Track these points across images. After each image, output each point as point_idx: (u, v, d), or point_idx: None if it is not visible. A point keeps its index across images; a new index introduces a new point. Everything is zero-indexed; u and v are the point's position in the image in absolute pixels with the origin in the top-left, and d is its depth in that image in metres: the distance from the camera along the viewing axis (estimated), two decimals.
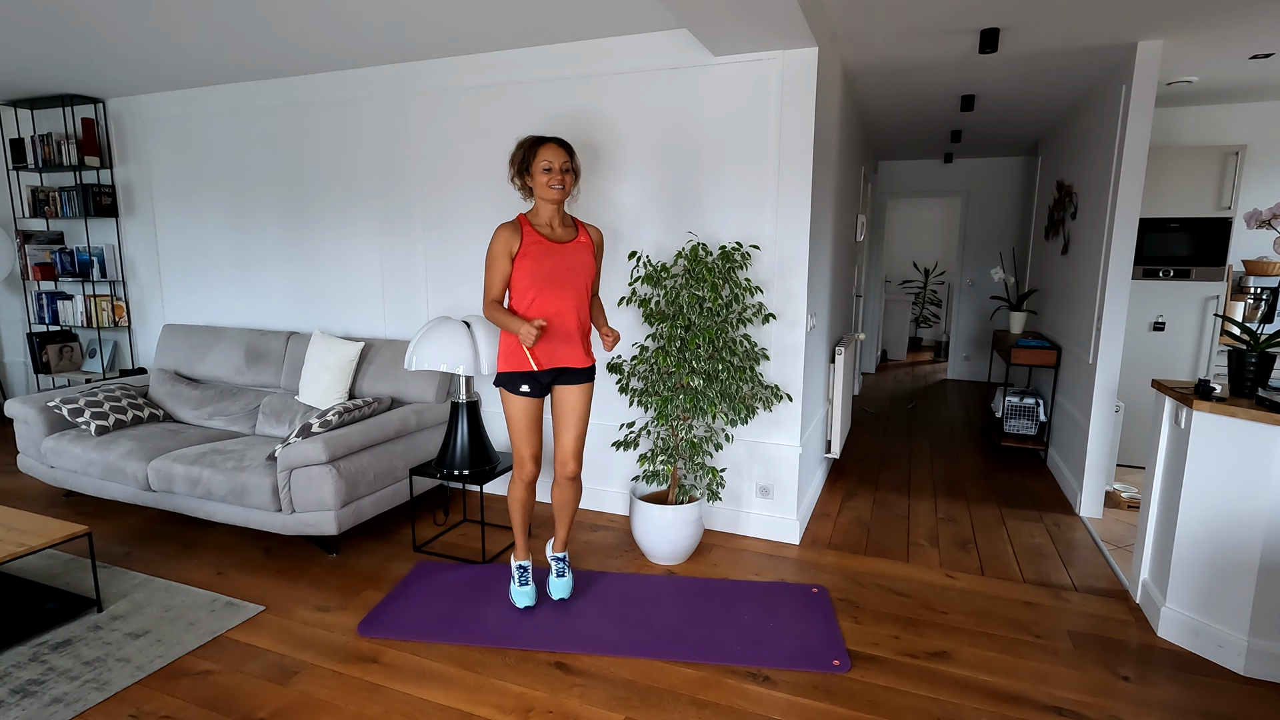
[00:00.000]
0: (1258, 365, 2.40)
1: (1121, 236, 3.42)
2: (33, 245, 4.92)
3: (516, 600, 2.68)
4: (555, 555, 2.77)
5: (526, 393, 2.51)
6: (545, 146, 2.43)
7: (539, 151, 2.42)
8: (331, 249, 4.15)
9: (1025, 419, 4.66)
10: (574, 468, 2.65)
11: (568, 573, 2.76)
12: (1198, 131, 4.77)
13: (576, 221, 2.59)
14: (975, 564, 3.14)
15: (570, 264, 2.47)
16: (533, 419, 2.56)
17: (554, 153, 2.42)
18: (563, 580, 2.74)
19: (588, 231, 2.58)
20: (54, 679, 2.27)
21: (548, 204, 2.47)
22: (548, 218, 2.49)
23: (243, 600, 2.78)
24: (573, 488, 2.70)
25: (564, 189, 2.44)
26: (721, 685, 2.26)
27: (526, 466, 2.59)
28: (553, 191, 2.42)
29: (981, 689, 2.25)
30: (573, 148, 2.51)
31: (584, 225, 2.59)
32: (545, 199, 2.45)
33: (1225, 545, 2.38)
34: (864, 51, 3.50)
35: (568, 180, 2.45)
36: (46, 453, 3.59)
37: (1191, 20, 3.02)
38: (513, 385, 2.51)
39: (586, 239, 2.55)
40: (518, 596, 2.68)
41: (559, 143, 2.45)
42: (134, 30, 3.25)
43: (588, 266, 2.52)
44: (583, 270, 2.50)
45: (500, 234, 2.41)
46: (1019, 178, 6.99)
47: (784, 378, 3.28)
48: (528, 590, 2.68)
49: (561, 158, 2.43)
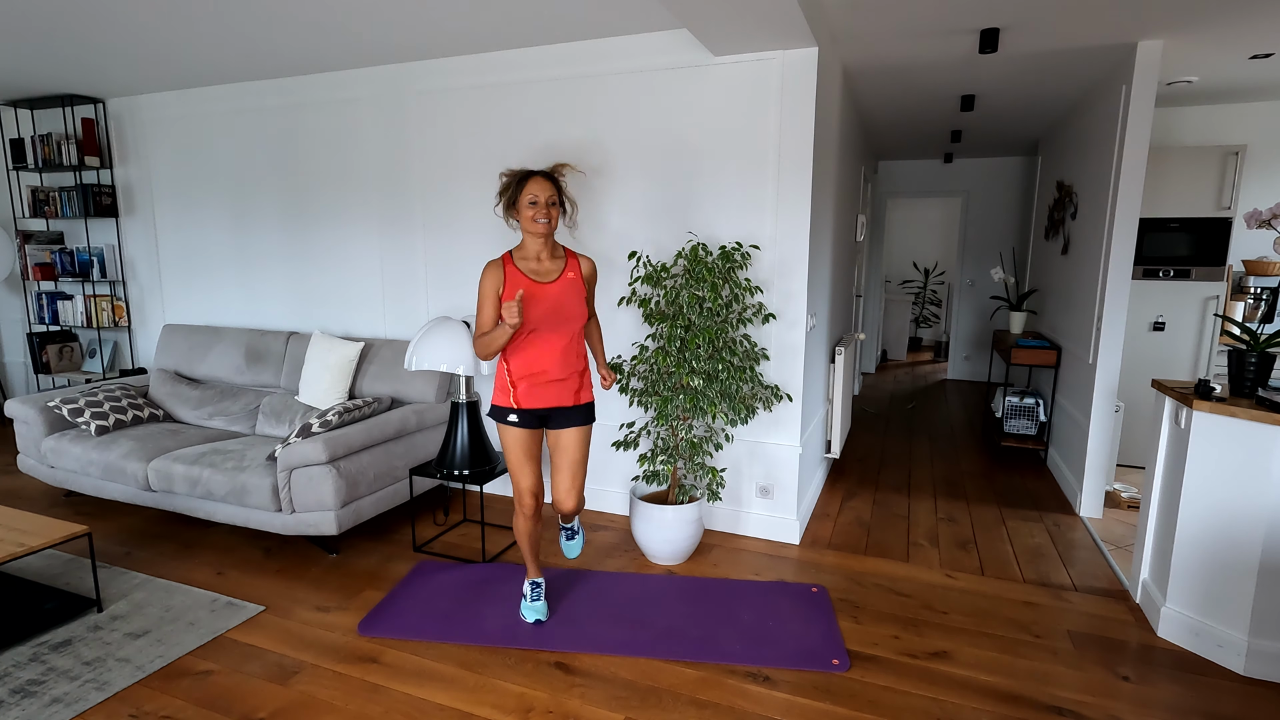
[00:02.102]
0: (1258, 365, 2.40)
1: (1121, 236, 3.42)
2: (33, 245, 4.92)
3: (527, 615, 2.64)
4: (564, 525, 2.79)
5: (515, 423, 2.45)
6: (531, 180, 2.36)
7: (525, 185, 2.36)
8: (331, 249, 4.15)
9: (1025, 419, 4.66)
10: (571, 506, 2.58)
11: (578, 535, 2.81)
12: (1198, 131, 4.77)
13: (567, 253, 2.48)
14: (975, 564, 3.14)
15: (559, 307, 2.40)
16: (527, 450, 2.48)
17: (540, 186, 2.35)
18: (574, 541, 2.81)
19: (578, 263, 2.48)
20: (54, 679, 2.27)
21: (535, 237, 2.39)
22: (535, 251, 2.41)
23: (243, 600, 2.78)
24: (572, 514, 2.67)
25: (550, 223, 2.36)
26: (721, 685, 2.26)
27: (525, 500, 2.51)
28: (538, 225, 2.35)
29: (981, 689, 2.25)
30: (560, 181, 2.42)
31: (575, 256, 2.49)
32: (531, 232, 2.38)
33: (1225, 545, 2.38)
34: (864, 51, 3.50)
35: (554, 214, 2.38)
36: (46, 453, 3.59)
37: (1191, 20, 3.02)
38: (501, 417, 2.47)
39: (575, 274, 2.45)
40: (528, 611, 2.64)
41: (545, 176, 2.38)
42: (134, 30, 3.25)
43: (578, 307, 2.43)
44: (572, 313, 2.42)
45: (487, 273, 2.36)
46: (1019, 178, 6.99)
47: (784, 378, 3.28)
48: (539, 606, 2.64)
49: (548, 191, 2.35)
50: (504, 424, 2.46)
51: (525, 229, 2.39)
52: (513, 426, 2.46)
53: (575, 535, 2.81)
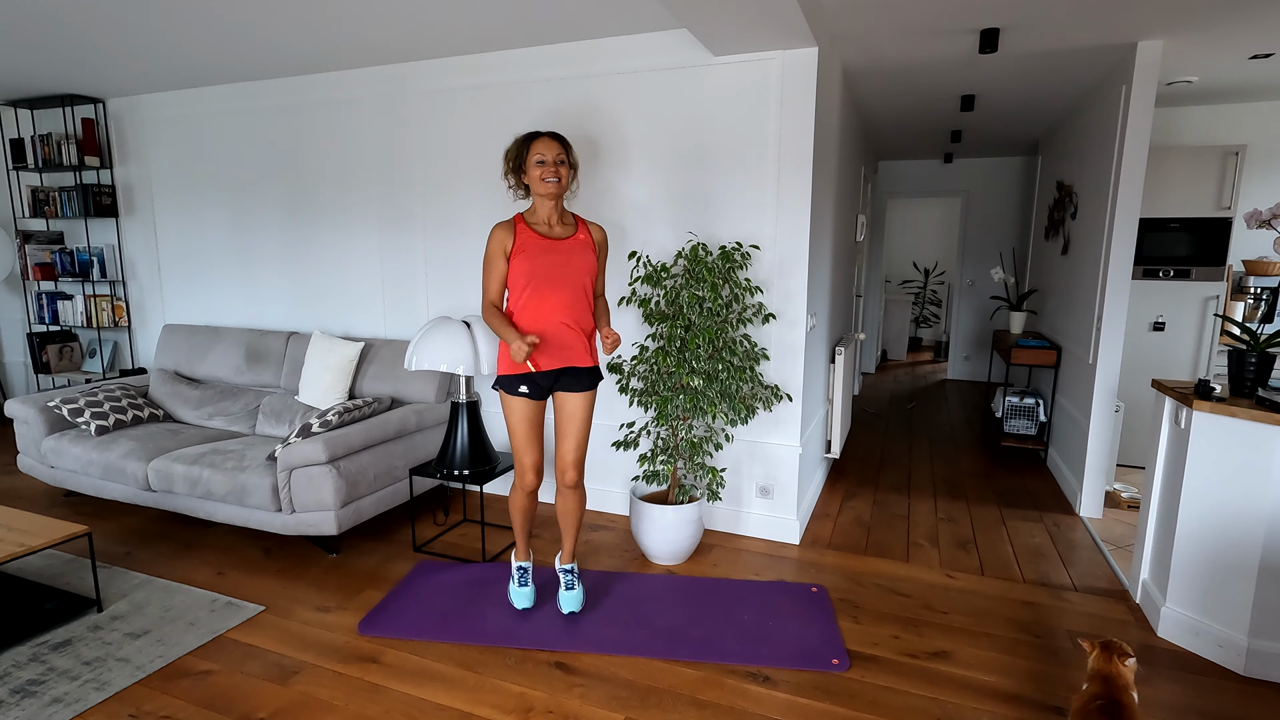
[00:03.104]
0: (1258, 365, 2.40)
1: (1121, 236, 3.42)
2: (33, 245, 4.92)
3: (515, 601, 2.65)
4: (563, 568, 2.66)
5: (525, 394, 2.41)
6: (538, 140, 2.34)
7: (532, 145, 2.34)
8: (331, 249, 4.15)
9: (1025, 419, 4.66)
10: (574, 475, 2.55)
11: (577, 585, 2.66)
12: (1198, 131, 4.77)
13: (577, 219, 2.49)
14: (975, 564, 3.14)
15: (568, 261, 2.37)
16: (532, 424, 2.47)
17: (547, 145, 2.33)
18: (572, 593, 2.64)
19: (589, 229, 2.48)
20: (54, 679, 2.27)
21: (545, 200, 2.37)
22: (545, 215, 2.39)
23: (243, 600, 2.78)
24: (575, 496, 2.61)
25: (560, 182, 2.34)
26: (721, 685, 2.26)
27: (527, 476, 2.51)
28: (548, 185, 2.32)
29: (981, 689, 2.25)
30: (568, 141, 2.40)
31: (585, 223, 2.49)
32: (541, 193, 2.35)
33: (1225, 545, 2.38)
34: (864, 51, 3.50)
35: (563, 173, 2.34)
36: (46, 453, 3.59)
37: (1191, 20, 3.02)
38: (511, 387, 2.42)
39: (586, 236, 2.45)
40: (516, 597, 2.65)
41: (553, 135, 2.36)
42: (134, 30, 3.25)
43: (587, 265, 2.42)
44: (581, 269, 2.40)
45: (495, 233, 2.34)
46: (1019, 178, 6.99)
47: (784, 378, 3.28)
48: (526, 591, 2.64)
49: (555, 150, 2.33)
50: (512, 395, 2.42)
51: (535, 190, 2.36)
52: (521, 398, 2.42)
53: (575, 585, 2.65)
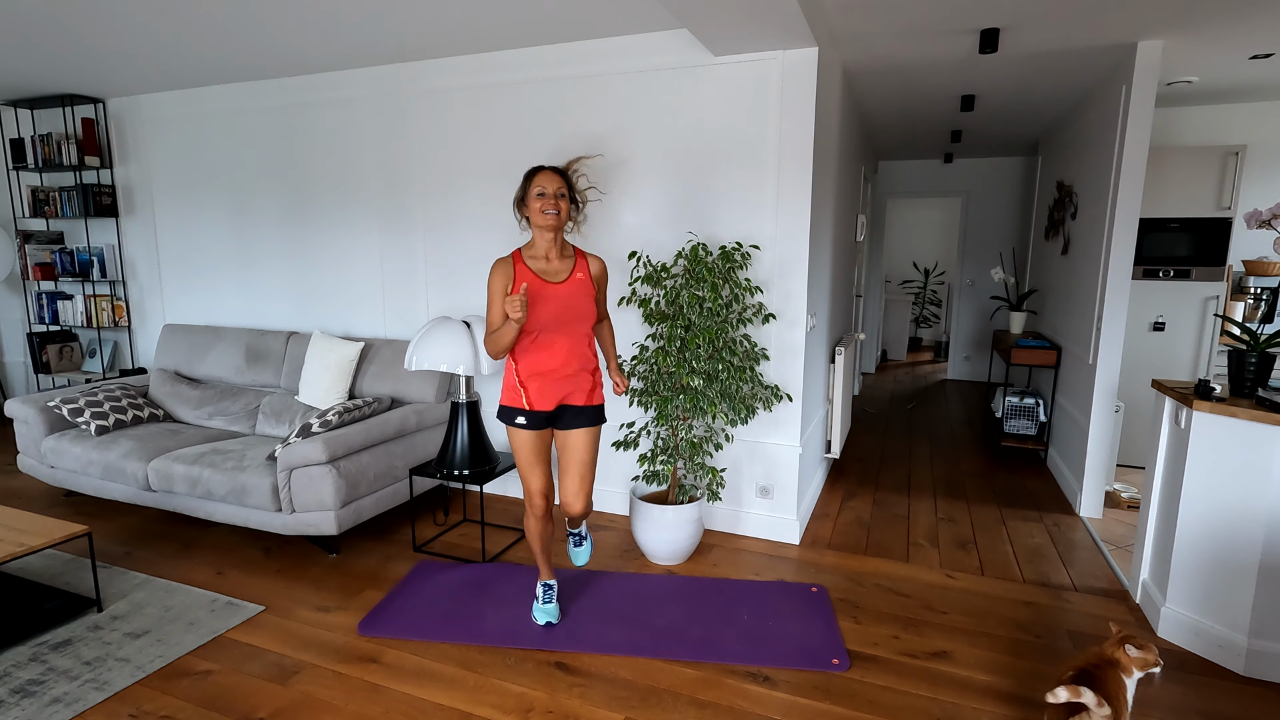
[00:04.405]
0: (1258, 365, 2.40)
1: (1121, 236, 3.42)
2: (33, 245, 4.92)
3: (538, 617, 2.62)
4: (571, 531, 2.74)
5: (523, 425, 2.43)
6: (540, 174, 2.35)
7: (534, 179, 2.35)
8: (331, 249, 4.15)
9: (1025, 419, 4.66)
10: (579, 509, 2.54)
11: (585, 541, 2.75)
12: (1198, 131, 4.77)
13: (577, 252, 2.47)
14: (975, 564, 3.14)
15: (566, 308, 2.38)
16: (536, 452, 2.46)
17: (548, 179, 2.34)
18: (581, 549, 2.74)
19: (587, 263, 2.46)
20: (54, 679, 2.27)
21: (544, 231, 2.36)
22: (544, 249, 2.39)
23: (243, 600, 2.78)
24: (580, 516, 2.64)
25: (559, 215, 2.34)
26: (721, 685, 2.26)
27: (535, 500, 2.50)
28: (546, 218, 2.32)
29: (981, 689, 2.25)
30: (569, 176, 2.40)
31: (585, 256, 2.47)
32: (540, 225, 2.35)
33: (1225, 545, 2.38)
34: (864, 51, 3.50)
35: (562, 206, 2.34)
36: (46, 453, 3.59)
37: (1191, 20, 3.02)
38: (509, 418, 2.45)
39: (585, 274, 2.43)
40: (539, 614, 2.62)
41: (554, 170, 2.37)
42: (134, 30, 3.25)
43: (586, 311, 2.41)
44: (580, 315, 2.40)
45: (495, 273, 2.34)
46: (1019, 178, 6.99)
47: (784, 378, 3.28)
48: (550, 608, 2.63)
49: (555, 183, 2.33)
50: (512, 426, 2.44)
51: (535, 222, 2.36)
52: (521, 429, 2.44)
53: (583, 541, 2.75)
